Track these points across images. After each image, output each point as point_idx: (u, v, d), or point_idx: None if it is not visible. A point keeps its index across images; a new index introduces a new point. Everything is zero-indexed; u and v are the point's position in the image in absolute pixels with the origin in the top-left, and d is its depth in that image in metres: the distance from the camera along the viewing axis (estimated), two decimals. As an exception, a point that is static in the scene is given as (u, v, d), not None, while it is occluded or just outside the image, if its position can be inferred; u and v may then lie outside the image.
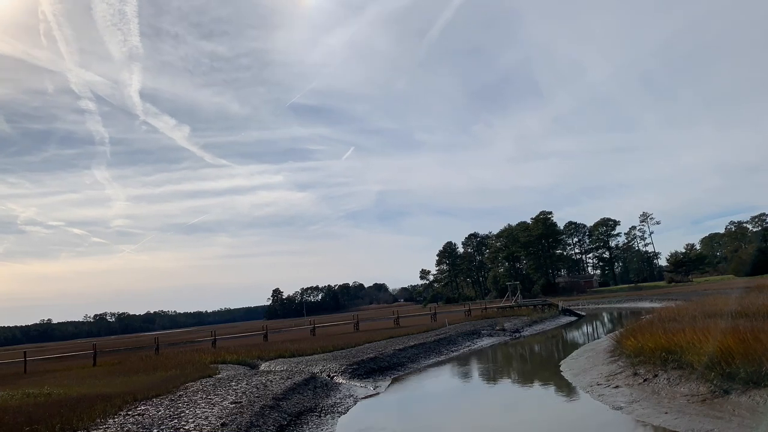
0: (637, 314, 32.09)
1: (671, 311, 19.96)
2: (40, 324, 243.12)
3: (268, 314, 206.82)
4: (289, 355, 22.67)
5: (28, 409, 10.68)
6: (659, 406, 9.97)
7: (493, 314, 45.83)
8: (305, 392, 13.90)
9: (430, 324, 38.00)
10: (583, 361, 17.73)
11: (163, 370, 18.82)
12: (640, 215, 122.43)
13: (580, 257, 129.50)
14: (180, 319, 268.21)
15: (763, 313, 14.32)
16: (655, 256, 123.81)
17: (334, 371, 17.53)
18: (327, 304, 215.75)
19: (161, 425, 9.21)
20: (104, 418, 9.79)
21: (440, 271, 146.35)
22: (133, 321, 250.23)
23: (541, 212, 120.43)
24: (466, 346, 26.51)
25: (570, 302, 62.09)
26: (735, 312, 15.84)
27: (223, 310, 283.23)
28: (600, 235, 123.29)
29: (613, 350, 16.00)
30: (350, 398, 14.24)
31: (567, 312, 48.63)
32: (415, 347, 23.47)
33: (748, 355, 9.38)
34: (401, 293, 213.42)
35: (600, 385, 12.97)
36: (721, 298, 24.84)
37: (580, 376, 15.00)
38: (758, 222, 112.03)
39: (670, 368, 11.39)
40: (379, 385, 16.45)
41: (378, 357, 20.29)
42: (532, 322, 38.76)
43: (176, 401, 11.51)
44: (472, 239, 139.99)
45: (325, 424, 11.30)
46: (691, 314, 16.98)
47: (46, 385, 16.42)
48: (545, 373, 17.73)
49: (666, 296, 53.64)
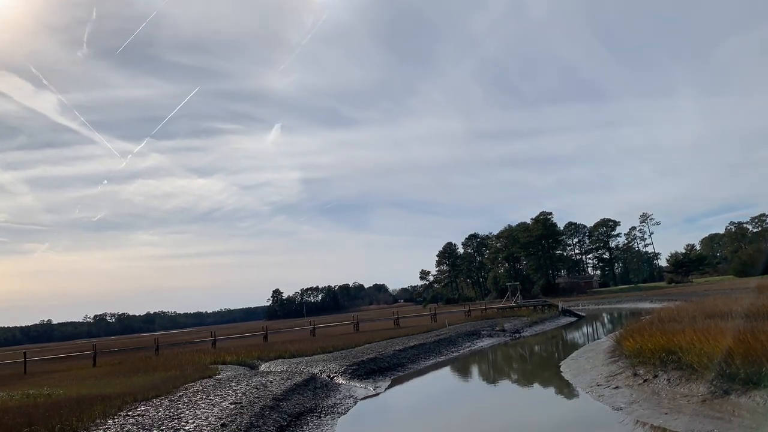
0: (637, 315, 32.05)
1: (671, 312, 19.92)
2: (40, 324, 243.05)
3: (268, 315, 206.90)
4: (289, 356, 22.67)
5: (28, 409, 10.68)
6: (659, 407, 9.97)
7: (493, 315, 45.85)
8: (305, 393, 13.90)
9: (430, 324, 38.01)
10: (583, 361, 17.72)
11: (163, 370, 18.82)
12: (639, 215, 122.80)
13: (580, 258, 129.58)
14: (180, 319, 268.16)
15: (763, 314, 14.30)
16: (655, 256, 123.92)
17: (334, 372, 17.52)
18: (327, 305, 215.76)
19: (161, 426, 9.20)
20: (104, 418, 9.79)
21: (440, 271, 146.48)
22: (133, 321, 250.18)
23: (541, 213, 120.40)
24: (466, 347, 26.50)
25: (570, 303, 62.10)
26: (735, 312, 15.84)
27: (223, 311, 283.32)
28: (600, 236, 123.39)
29: (613, 351, 15.99)
30: (350, 399, 14.23)
31: (567, 313, 48.62)
32: (415, 348, 23.46)
33: (748, 356, 9.37)
34: (401, 294, 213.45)
35: (600, 385, 12.97)
36: (721, 299, 24.81)
37: (580, 377, 15.00)
38: (758, 222, 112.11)
39: (670, 369, 11.38)
40: (379, 386, 16.44)
41: (378, 357, 20.27)
42: (532, 323, 38.76)
43: (176, 402, 11.51)
44: (472, 240, 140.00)
45: (325, 425, 11.29)
46: (691, 315, 16.96)
47: (46, 386, 16.45)
48: (545, 373, 17.73)
49: (666, 297, 53.63)
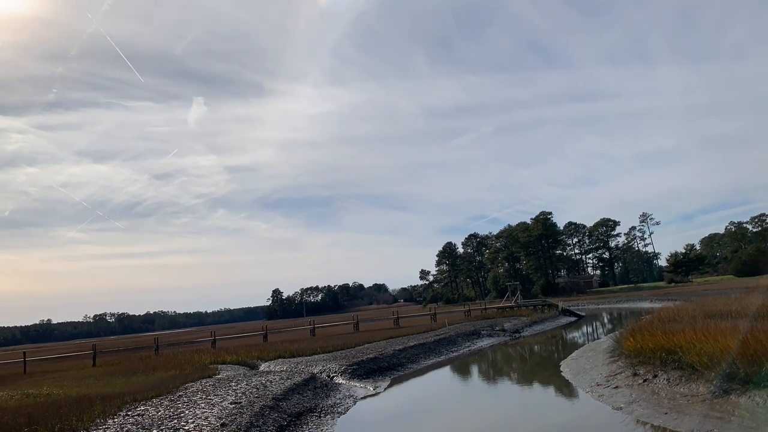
0: (636, 315, 32.09)
1: (671, 312, 19.91)
2: (40, 324, 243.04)
3: (268, 315, 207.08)
4: (288, 356, 22.65)
5: (28, 409, 10.68)
6: (659, 407, 9.96)
7: (492, 315, 45.84)
8: (305, 393, 13.89)
9: (430, 324, 38.01)
10: (583, 361, 17.72)
11: (163, 370, 18.81)
12: (639, 215, 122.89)
13: (579, 258, 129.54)
14: (180, 319, 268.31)
15: (763, 314, 14.30)
16: (654, 256, 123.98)
17: (334, 371, 17.52)
18: (327, 305, 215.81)
19: (161, 426, 9.19)
20: (104, 418, 9.77)
21: (440, 271, 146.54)
22: (132, 321, 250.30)
23: (541, 212, 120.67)
24: (466, 347, 26.49)
25: (570, 303, 62.06)
26: (735, 312, 15.84)
27: (222, 311, 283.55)
28: (600, 236, 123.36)
29: (613, 351, 15.98)
30: (350, 398, 14.23)
31: (567, 312, 48.61)
32: (414, 348, 23.46)
33: (748, 356, 9.37)
34: (401, 294, 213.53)
35: (600, 385, 12.97)
36: (721, 299, 24.79)
37: (580, 377, 15.01)
38: (758, 222, 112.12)
39: (670, 369, 11.38)
40: (378, 386, 16.44)
41: (378, 357, 20.27)
42: (532, 323, 38.76)
43: (176, 402, 11.49)
44: (471, 240, 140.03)
45: (325, 425, 11.29)
46: (691, 315, 16.96)
47: (46, 386, 16.44)
48: (545, 373, 17.73)
49: (666, 297, 53.64)
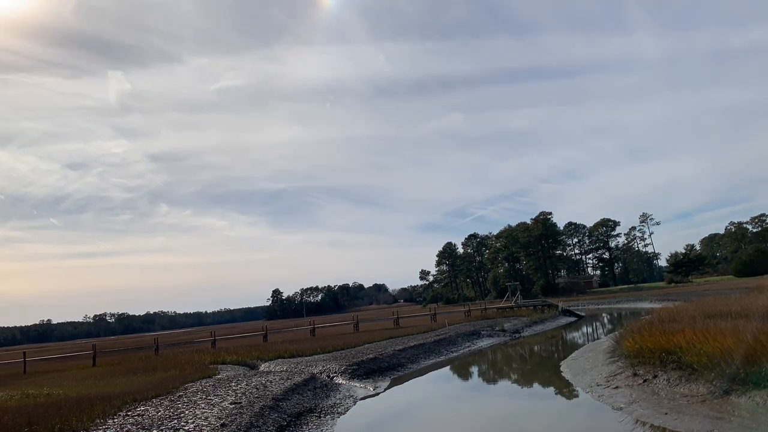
0: (636, 315, 32.10)
1: (671, 312, 19.89)
2: (40, 324, 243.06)
3: (268, 315, 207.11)
4: (288, 356, 22.64)
5: (28, 409, 10.68)
6: (659, 407, 9.97)
7: (492, 315, 45.83)
8: (305, 393, 13.89)
9: (430, 324, 38.00)
10: (583, 361, 17.72)
11: (163, 370, 18.80)
12: (639, 215, 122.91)
13: (579, 258, 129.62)
14: (180, 319, 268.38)
15: (763, 314, 14.30)
16: (654, 256, 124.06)
17: (334, 372, 17.51)
18: (327, 305, 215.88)
19: (161, 426, 9.19)
20: (104, 418, 9.77)
21: (440, 271, 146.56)
22: (132, 321, 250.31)
23: (541, 213, 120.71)
24: (466, 347, 26.49)
25: (570, 303, 62.06)
26: (735, 313, 15.83)
27: (222, 311, 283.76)
28: (600, 236, 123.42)
29: (612, 351, 15.98)
30: (350, 399, 14.23)
31: (567, 313, 48.60)
32: (414, 348, 23.46)
33: (748, 356, 9.38)
34: (401, 294, 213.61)
35: (600, 385, 12.97)
36: (721, 299, 24.78)
37: (580, 377, 15.01)
38: (758, 222, 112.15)
39: (670, 369, 11.38)
40: (378, 386, 16.43)
41: (378, 357, 20.27)
42: (531, 323, 38.75)
43: (176, 402, 11.49)
44: (471, 240, 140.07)
45: (325, 425, 11.29)
46: (691, 315, 16.94)
47: (46, 386, 16.45)
48: (545, 373, 17.73)
49: (666, 297, 53.60)
